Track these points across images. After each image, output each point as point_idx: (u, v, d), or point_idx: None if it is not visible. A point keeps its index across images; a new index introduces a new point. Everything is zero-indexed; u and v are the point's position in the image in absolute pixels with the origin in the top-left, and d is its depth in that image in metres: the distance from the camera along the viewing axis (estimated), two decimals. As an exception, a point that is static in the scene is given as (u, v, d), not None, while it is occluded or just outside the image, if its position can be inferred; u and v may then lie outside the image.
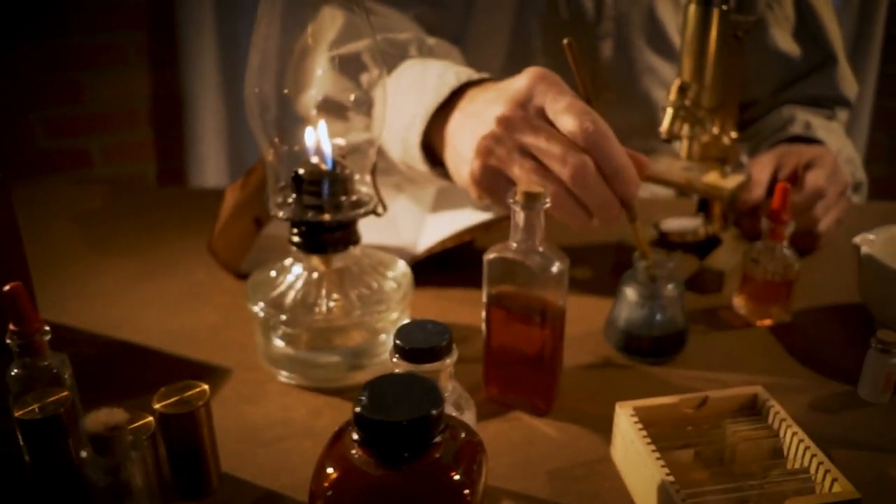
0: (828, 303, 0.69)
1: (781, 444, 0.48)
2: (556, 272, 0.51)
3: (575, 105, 0.54)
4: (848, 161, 0.89)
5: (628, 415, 0.48)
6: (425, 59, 0.70)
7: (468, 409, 0.45)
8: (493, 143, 0.56)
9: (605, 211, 0.56)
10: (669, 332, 0.59)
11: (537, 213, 0.51)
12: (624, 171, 0.55)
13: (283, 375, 0.58)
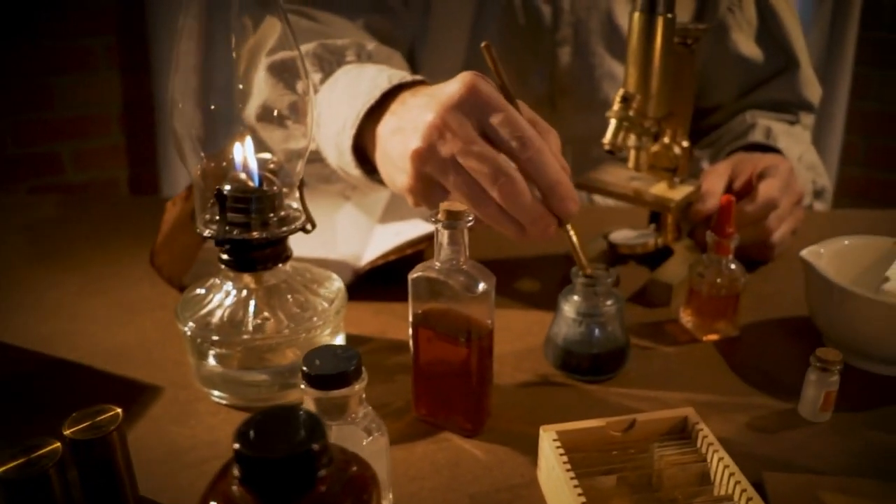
0: (777, 316, 0.68)
1: (709, 470, 0.47)
2: (480, 292, 0.50)
3: (510, 118, 0.53)
4: (809, 167, 0.88)
5: (551, 439, 0.47)
6: (362, 65, 0.69)
7: (380, 434, 0.44)
8: (425, 153, 0.54)
9: (537, 226, 0.55)
10: (609, 349, 0.58)
11: (460, 231, 0.49)
12: (559, 188, 0.54)
13: (215, 395, 0.57)
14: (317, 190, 0.79)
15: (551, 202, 0.54)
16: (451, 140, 0.53)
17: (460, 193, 0.54)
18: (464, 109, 0.53)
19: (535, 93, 0.91)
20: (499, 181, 0.52)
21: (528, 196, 0.53)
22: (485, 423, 0.54)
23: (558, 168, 0.54)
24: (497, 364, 0.61)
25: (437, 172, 0.55)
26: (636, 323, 0.66)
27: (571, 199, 0.55)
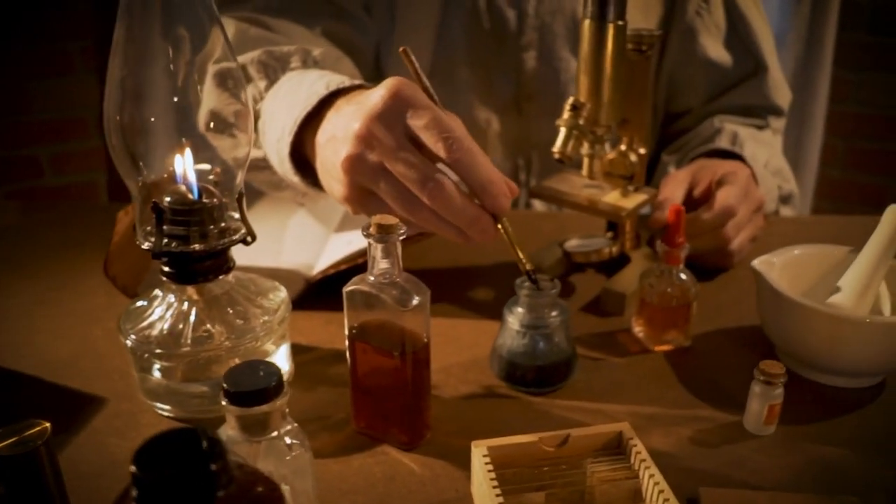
0: (732, 326, 0.67)
1: (641, 487, 0.47)
2: (415, 305, 0.49)
3: (436, 122, 0.52)
4: (776, 173, 0.87)
5: (481, 455, 0.47)
6: (306, 71, 0.69)
7: (304, 449, 0.44)
8: (356, 162, 0.54)
9: (475, 228, 0.54)
10: (554, 361, 0.58)
11: (393, 244, 0.49)
12: (491, 186, 0.54)
13: (159, 407, 0.57)
14: (271, 197, 0.79)
15: (485, 200, 0.54)
16: (378, 148, 0.53)
17: (392, 200, 0.54)
18: (389, 116, 0.53)
19: (502, 98, 0.91)
20: (427, 186, 0.52)
21: (458, 199, 0.53)
22: (424, 436, 0.54)
23: (489, 167, 0.53)
24: (443, 375, 0.61)
25: (367, 181, 0.54)
26: (588, 333, 0.66)
27: (504, 195, 0.54)
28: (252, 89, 0.70)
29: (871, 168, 1.84)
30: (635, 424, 0.55)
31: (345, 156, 0.54)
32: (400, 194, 0.54)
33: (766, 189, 0.83)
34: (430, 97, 0.55)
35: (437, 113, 0.53)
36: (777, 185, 0.87)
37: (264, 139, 0.68)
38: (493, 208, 0.54)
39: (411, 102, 0.53)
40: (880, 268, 0.62)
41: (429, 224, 0.55)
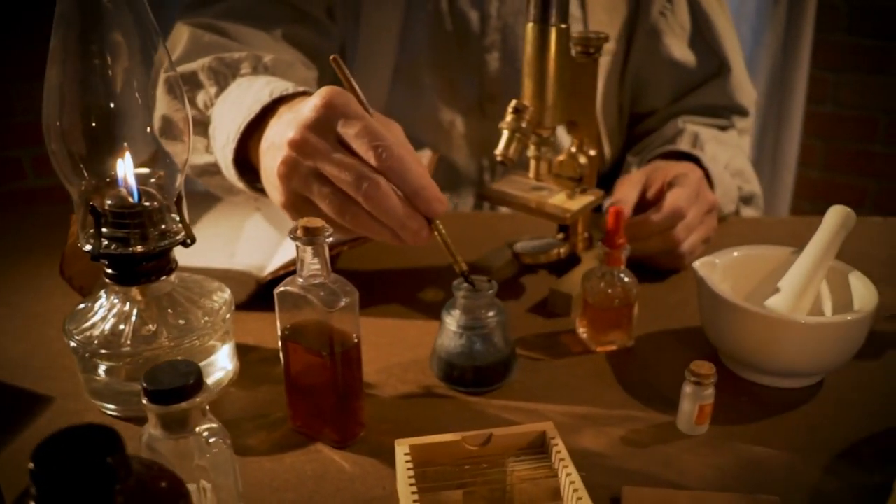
0: (676, 327, 0.68)
1: (560, 486, 0.47)
2: (342, 306, 0.50)
3: (367, 130, 0.54)
4: (736, 174, 0.88)
5: (403, 452, 0.47)
6: (255, 77, 0.70)
7: (225, 446, 0.45)
8: (290, 169, 0.55)
9: (408, 230, 0.56)
10: (491, 361, 0.58)
11: (321, 246, 0.50)
12: (423, 191, 0.55)
13: (105, 406, 0.58)
14: (229, 200, 0.80)
15: (418, 206, 0.55)
16: (312, 154, 0.54)
17: (326, 205, 0.55)
18: (322, 124, 0.54)
19: (465, 99, 0.92)
20: (362, 187, 0.53)
21: (393, 199, 0.54)
22: (357, 434, 0.54)
23: (421, 172, 0.55)
24: (383, 375, 0.61)
25: (302, 187, 0.55)
26: (533, 334, 0.66)
27: (437, 200, 0.55)
28: (203, 95, 0.71)
29: (849, 168, 1.84)
30: (568, 424, 0.56)
31: (280, 162, 0.56)
32: (334, 198, 0.55)
33: (724, 190, 0.83)
34: (362, 106, 0.56)
35: (369, 121, 0.55)
36: (737, 187, 0.87)
37: (215, 145, 0.69)
38: (426, 213, 0.56)
39: (343, 112, 0.54)
40: (820, 269, 0.62)
41: (363, 227, 0.56)
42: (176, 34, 0.78)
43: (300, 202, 0.57)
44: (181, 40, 0.76)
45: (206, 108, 0.71)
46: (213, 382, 0.59)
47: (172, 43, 0.78)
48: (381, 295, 0.72)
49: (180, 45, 0.76)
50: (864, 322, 0.57)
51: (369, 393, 0.59)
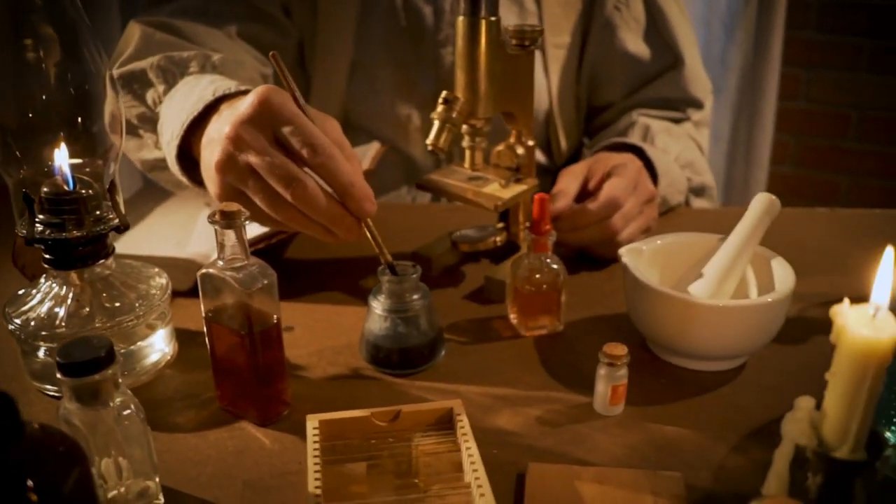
0: (608, 313, 0.69)
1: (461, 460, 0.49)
2: (260, 287, 0.52)
3: (300, 127, 0.56)
4: (686, 165, 0.89)
5: (312, 427, 0.49)
6: (202, 76, 0.72)
7: (139, 418, 0.47)
8: (226, 163, 0.57)
9: (339, 226, 0.58)
10: (416, 344, 0.60)
11: (238, 229, 0.52)
12: (353, 189, 0.57)
13: (45, 388, 0.60)
14: (180, 195, 0.82)
15: (348, 203, 0.57)
16: (247, 150, 0.56)
17: (259, 200, 0.57)
18: (257, 121, 0.56)
19: (422, 94, 0.93)
20: (291, 185, 0.55)
21: (322, 198, 0.56)
22: (281, 413, 0.56)
23: (350, 171, 0.56)
24: (315, 358, 0.63)
25: (237, 181, 0.58)
26: (466, 319, 0.68)
27: (366, 198, 0.57)
28: (152, 93, 0.73)
29: (822, 164, 1.85)
30: (486, 405, 0.58)
31: (217, 157, 0.58)
32: (267, 193, 0.57)
33: (671, 181, 0.84)
34: (298, 104, 0.58)
35: (303, 120, 0.57)
36: (686, 178, 0.89)
37: (161, 141, 0.71)
38: (356, 210, 0.58)
39: (278, 109, 0.56)
40: (743, 254, 0.64)
41: (295, 222, 0.58)
42: (128, 33, 0.81)
43: (235, 195, 0.59)
44: (133, 39, 0.79)
45: (154, 106, 0.74)
46: (150, 364, 0.61)
47: (125, 41, 0.80)
48: (321, 282, 0.74)
49: (132, 43, 0.78)
50: (779, 305, 0.59)
51: (299, 375, 0.61)
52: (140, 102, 0.73)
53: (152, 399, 0.59)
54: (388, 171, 0.96)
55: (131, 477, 0.48)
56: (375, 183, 0.97)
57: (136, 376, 0.60)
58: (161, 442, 0.54)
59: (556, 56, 0.95)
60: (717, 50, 1.55)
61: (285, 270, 0.76)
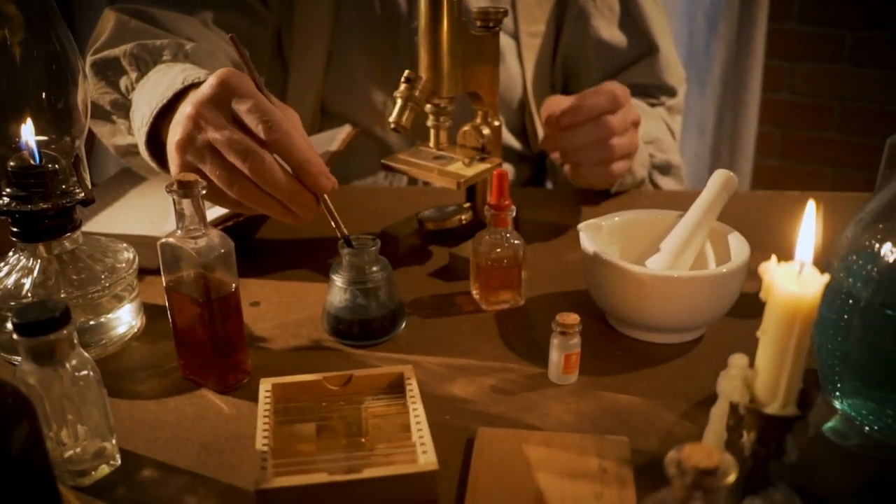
0: (570, 289, 0.70)
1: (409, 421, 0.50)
2: (220, 255, 0.53)
3: (257, 106, 0.58)
4: (650, 141, 0.92)
5: (265, 390, 0.50)
6: (174, 64, 0.73)
7: (95, 380, 0.48)
8: (185, 143, 0.59)
9: (296, 202, 0.59)
10: (375, 315, 0.61)
11: (196, 198, 0.53)
12: (308, 166, 0.58)
13: (10, 358, 0.62)
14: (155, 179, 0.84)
15: (304, 179, 0.59)
16: (206, 129, 0.58)
17: (216, 177, 0.59)
18: (216, 101, 0.58)
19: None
20: (248, 159, 0.57)
21: (278, 172, 0.58)
22: (240, 381, 0.57)
23: (306, 148, 0.58)
24: (278, 330, 0.65)
25: (196, 159, 0.59)
26: (430, 295, 0.69)
27: (322, 174, 0.59)
28: (125, 80, 0.75)
29: (806, 155, 1.86)
30: (443, 374, 0.59)
31: (177, 138, 0.60)
32: (224, 170, 0.58)
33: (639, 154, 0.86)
34: (258, 86, 0.60)
35: (260, 99, 0.58)
36: (649, 154, 0.90)
37: (133, 127, 0.73)
38: (312, 186, 0.59)
39: (237, 90, 0.58)
40: (700, 229, 0.65)
41: (252, 199, 0.60)
42: (104, 20, 0.82)
43: (195, 174, 0.60)
44: (108, 26, 0.80)
45: (127, 93, 0.75)
46: (117, 336, 0.63)
47: (100, 28, 0.81)
48: (289, 261, 0.75)
49: (107, 30, 0.80)
50: (732, 276, 0.60)
51: (262, 346, 0.62)
52: (113, 89, 0.75)
53: (117, 369, 0.60)
54: (364, 157, 0.97)
55: (88, 437, 0.49)
56: (352, 169, 0.99)
57: (103, 347, 0.62)
58: (122, 408, 0.55)
59: (531, 45, 0.97)
60: (700, 42, 1.57)
61: (254, 251, 0.78)
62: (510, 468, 0.49)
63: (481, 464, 0.49)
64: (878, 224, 0.51)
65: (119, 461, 0.50)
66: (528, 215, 0.84)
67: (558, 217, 0.84)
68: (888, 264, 0.50)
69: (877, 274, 0.50)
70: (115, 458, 0.50)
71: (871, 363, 0.52)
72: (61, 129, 0.61)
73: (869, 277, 0.51)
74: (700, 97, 1.62)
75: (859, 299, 0.51)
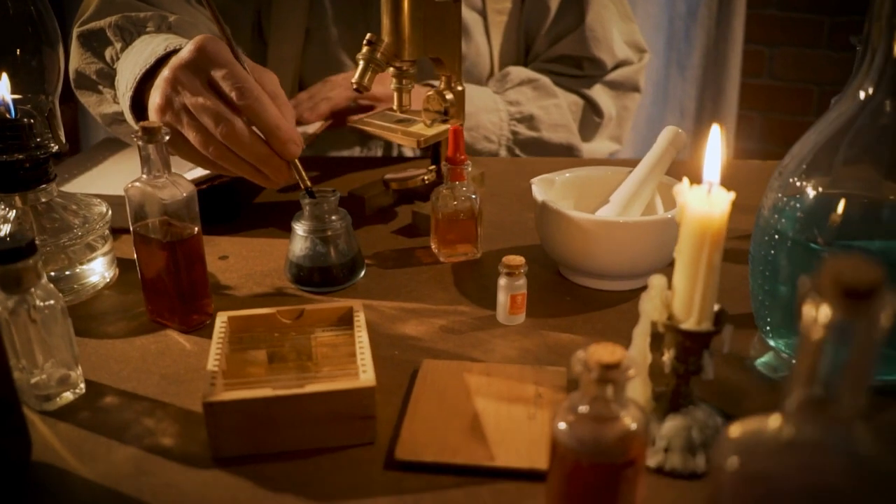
0: (529, 244, 0.73)
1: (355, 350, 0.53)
2: (182, 199, 0.56)
3: (231, 72, 0.61)
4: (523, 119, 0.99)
5: (221, 321, 0.53)
6: (158, 34, 0.76)
7: (59, 309, 0.51)
8: (164, 104, 0.63)
9: (266, 166, 0.63)
10: (334, 263, 0.64)
11: (159, 144, 0.56)
12: (278, 132, 0.62)
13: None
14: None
15: (274, 145, 0.62)
16: (182, 93, 0.61)
17: (192, 138, 0.62)
18: (192, 67, 0.62)
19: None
20: (220, 123, 0.60)
21: (247, 136, 0.61)
22: (203, 322, 0.61)
23: (276, 114, 0.61)
24: (243, 279, 0.68)
25: (174, 121, 0.63)
26: (391, 249, 0.72)
27: (291, 140, 0.62)
28: (110, 50, 0.78)
29: (786, 139, 1.87)
30: (396, 316, 0.62)
31: (157, 101, 0.63)
32: (199, 132, 0.62)
33: (476, 124, 0.95)
34: (234, 53, 0.63)
35: (235, 65, 0.62)
36: (512, 130, 0.98)
37: (118, 94, 0.77)
38: (281, 151, 0.62)
39: (213, 56, 0.62)
40: (648, 181, 0.67)
41: (225, 160, 0.63)
42: None
43: (174, 135, 0.64)
44: (94, 0, 0.84)
45: (112, 63, 0.79)
46: (90, 285, 0.66)
47: (87, 2, 0.85)
48: (260, 220, 0.79)
49: (93, 4, 0.83)
50: (674, 223, 0.62)
51: (227, 294, 0.65)
52: (99, 59, 0.79)
53: (88, 313, 0.63)
54: (341, 131, 1.01)
55: (53, 366, 0.52)
56: (329, 142, 1.02)
57: (77, 295, 0.65)
58: (90, 347, 0.58)
59: (497, 21, 1.00)
60: (680, 28, 1.59)
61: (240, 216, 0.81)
62: (450, 393, 0.51)
63: (423, 389, 0.52)
64: (802, 165, 0.53)
65: (83, 389, 0.53)
66: (494, 179, 0.87)
67: (523, 180, 0.87)
68: (811, 201, 0.53)
69: (801, 212, 0.53)
70: (80, 386, 0.53)
71: (796, 299, 0.54)
72: (36, 87, 0.65)
73: (794, 215, 0.53)
74: (681, 81, 1.64)
75: (786, 237, 0.53)
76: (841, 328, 0.24)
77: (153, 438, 0.49)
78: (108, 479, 0.45)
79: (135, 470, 0.46)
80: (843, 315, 0.23)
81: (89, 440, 0.49)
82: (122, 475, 0.46)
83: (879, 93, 0.50)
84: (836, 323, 0.23)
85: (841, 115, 0.52)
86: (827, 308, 0.23)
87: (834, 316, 0.23)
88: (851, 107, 0.51)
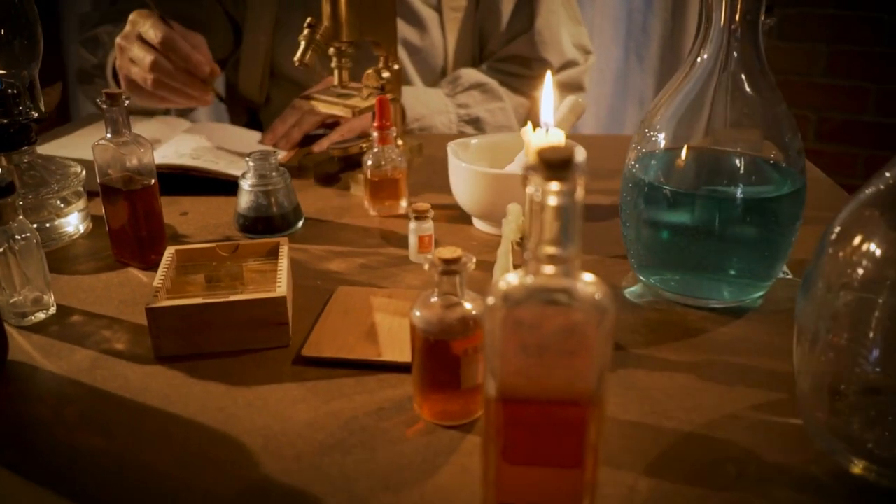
0: (450, 203, 0.83)
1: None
2: (140, 153, 0.67)
3: (154, 26, 0.80)
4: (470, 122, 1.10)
5: (168, 254, 0.64)
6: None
7: (33, 241, 0.61)
8: (120, 63, 0.82)
9: (190, 87, 0.82)
10: (276, 213, 0.75)
11: (121, 107, 0.67)
12: (189, 59, 0.81)
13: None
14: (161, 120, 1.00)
15: (192, 70, 0.81)
16: (126, 50, 0.83)
17: (136, 78, 0.82)
18: (127, 35, 0.83)
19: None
20: (147, 60, 0.80)
21: (170, 66, 0.80)
22: (160, 261, 0.71)
23: (186, 46, 0.81)
24: (198, 230, 0.78)
25: (128, 73, 0.82)
26: (331, 206, 0.83)
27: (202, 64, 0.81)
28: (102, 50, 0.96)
29: None
30: (323, 256, 0.72)
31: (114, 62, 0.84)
32: (139, 73, 0.81)
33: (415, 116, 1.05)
34: (164, 21, 0.81)
35: (157, 26, 0.80)
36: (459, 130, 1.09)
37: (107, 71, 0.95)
38: (197, 73, 0.81)
39: (144, 17, 0.81)
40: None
41: (162, 88, 0.82)
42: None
43: (131, 84, 0.84)
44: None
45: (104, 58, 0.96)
46: (66, 234, 0.76)
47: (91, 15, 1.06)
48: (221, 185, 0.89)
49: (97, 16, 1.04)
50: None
51: (183, 241, 0.76)
52: (94, 56, 0.96)
53: (63, 256, 0.73)
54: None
55: (29, 290, 0.63)
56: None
57: (55, 242, 0.75)
58: (62, 281, 0.69)
59: (453, 18, 1.11)
60: (638, 20, 1.68)
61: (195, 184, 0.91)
62: (355, 310, 0.61)
63: (334, 307, 0.62)
64: (657, 115, 0.63)
65: (54, 310, 0.64)
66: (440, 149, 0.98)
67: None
68: (663, 149, 0.62)
69: (655, 160, 0.63)
70: (52, 307, 0.64)
71: (652, 237, 0.64)
72: (18, 63, 0.76)
73: (650, 163, 0.63)
74: (640, 71, 1.73)
75: (644, 182, 0.63)
76: (549, 193, 0.33)
77: (108, 344, 0.59)
78: (70, 373, 0.56)
79: (91, 365, 0.56)
80: (547, 179, 0.33)
81: (56, 346, 0.59)
82: (81, 369, 0.56)
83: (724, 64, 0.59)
84: (545, 188, 0.33)
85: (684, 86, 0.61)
86: (538, 178, 0.33)
87: (542, 182, 0.33)
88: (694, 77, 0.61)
